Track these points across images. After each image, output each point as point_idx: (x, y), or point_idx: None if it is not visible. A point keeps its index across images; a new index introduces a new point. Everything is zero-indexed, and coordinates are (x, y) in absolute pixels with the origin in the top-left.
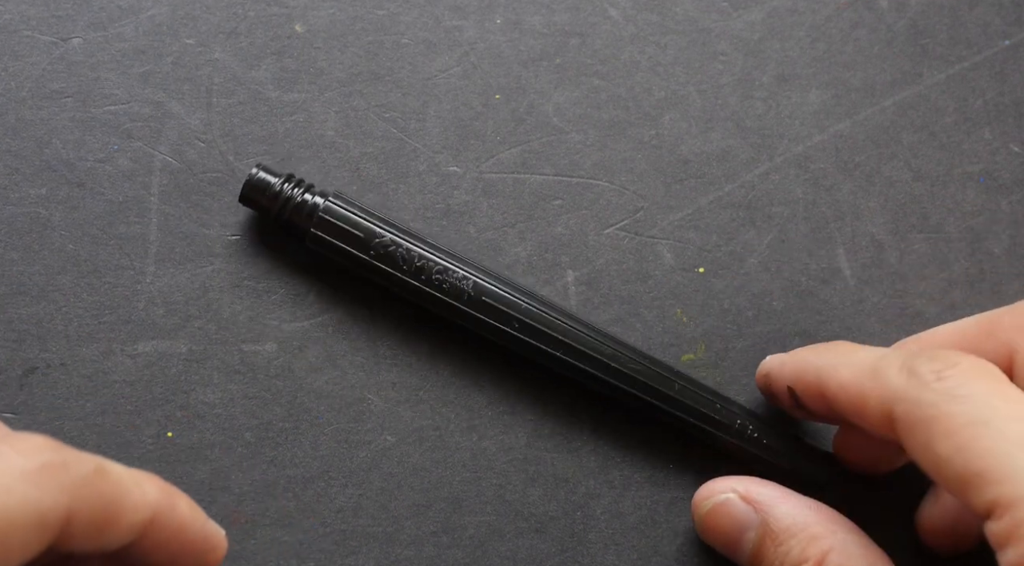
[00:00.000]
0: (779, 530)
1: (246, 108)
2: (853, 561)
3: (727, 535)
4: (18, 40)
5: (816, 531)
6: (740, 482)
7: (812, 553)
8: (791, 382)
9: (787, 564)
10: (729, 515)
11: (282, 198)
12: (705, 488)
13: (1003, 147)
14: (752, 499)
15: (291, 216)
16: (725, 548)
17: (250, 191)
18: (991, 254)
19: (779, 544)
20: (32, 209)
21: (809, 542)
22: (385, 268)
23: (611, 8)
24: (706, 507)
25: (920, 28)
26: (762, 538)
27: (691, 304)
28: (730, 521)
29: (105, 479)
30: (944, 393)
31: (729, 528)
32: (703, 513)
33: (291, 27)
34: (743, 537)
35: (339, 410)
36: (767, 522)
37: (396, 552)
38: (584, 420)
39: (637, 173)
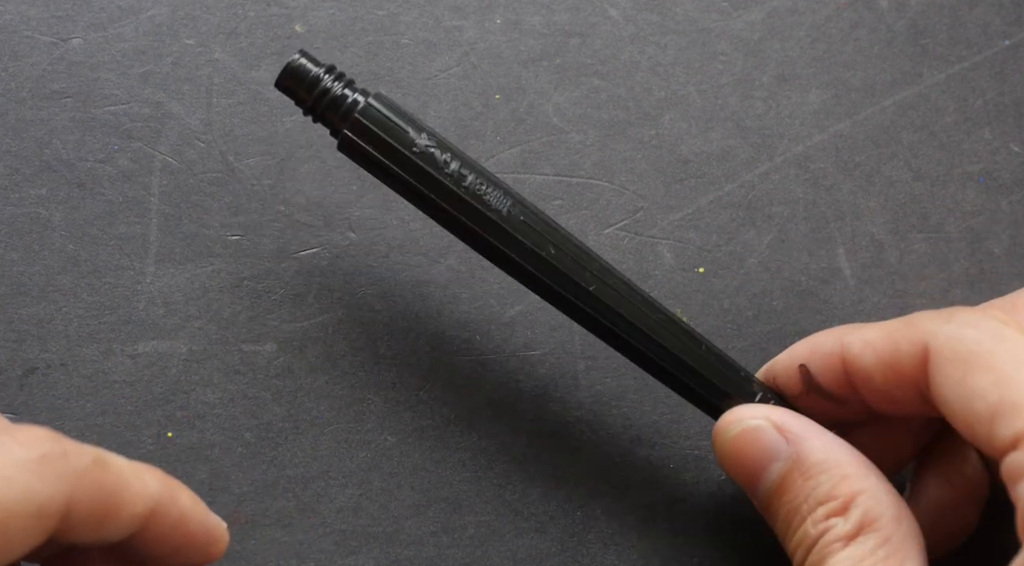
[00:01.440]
0: (810, 464)
1: (246, 108)
2: (882, 507)
3: (752, 463)
4: (18, 40)
5: (848, 471)
6: (773, 411)
7: (842, 491)
8: (805, 359)
9: (813, 499)
10: (758, 442)
11: (321, 88)
12: (734, 412)
13: (1003, 147)
14: (785, 429)
15: (327, 109)
16: (744, 477)
17: (288, 78)
18: (991, 254)
19: (808, 478)
20: (32, 209)
21: (840, 480)
22: (426, 168)
23: (611, 8)
24: (734, 431)
25: (920, 28)
26: (790, 470)
27: (691, 304)
28: (758, 449)
29: (105, 470)
30: (988, 332)
31: (756, 456)
32: (730, 436)
33: (291, 27)
34: (769, 467)
35: (339, 410)
36: (799, 454)
37: (396, 552)
38: (584, 420)
39: (637, 173)
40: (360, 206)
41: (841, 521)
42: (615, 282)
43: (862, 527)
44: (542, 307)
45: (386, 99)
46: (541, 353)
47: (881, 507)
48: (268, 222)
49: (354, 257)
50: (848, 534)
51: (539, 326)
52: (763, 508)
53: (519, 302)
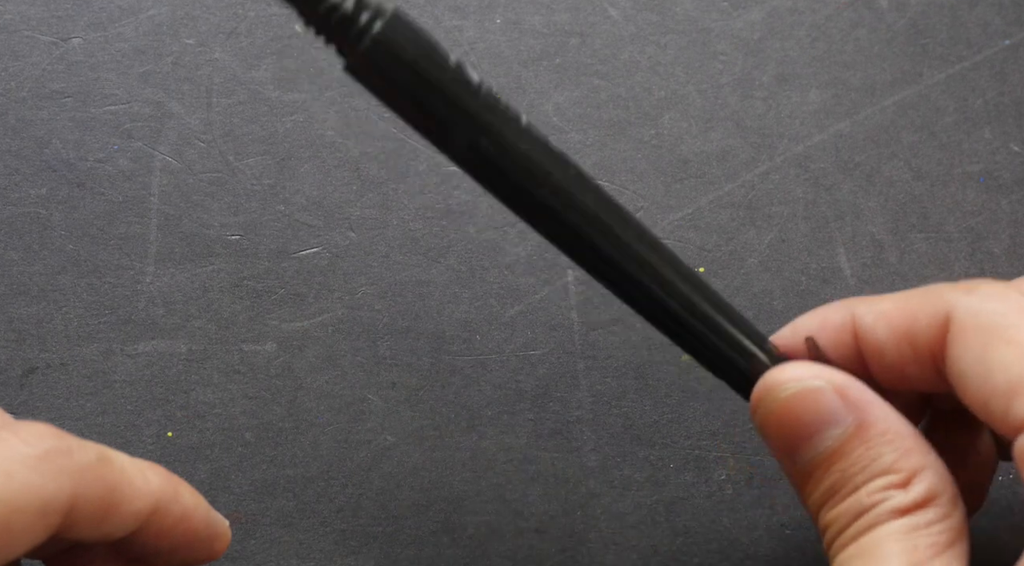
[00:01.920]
0: (874, 433)
1: (246, 108)
2: (943, 485)
3: (805, 428)
4: (18, 40)
5: (911, 445)
6: (834, 373)
7: (904, 466)
8: (812, 332)
9: (873, 469)
10: (817, 405)
11: None
12: (787, 369)
13: (1003, 147)
14: (847, 394)
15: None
16: (792, 440)
17: None
18: (991, 254)
19: (871, 448)
20: (32, 209)
21: (904, 454)
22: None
23: (611, 8)
24: (789, 390)
25: (920, 28)
26: (851, 438)
27: None
28: (815, 412)
29: (108, 466)
30: (1013, 305)
31: (810, 420)
32: (785, 396)
33: (291, 27)
34: (823, 433)
35: (339, 410)
36: (863, 422)
37: (396, 552)
38: (584, 420)
39: (637, 173)
40: (360, 206)
41: (901, 493)
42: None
43: (924, 502)
44: (542, 307)
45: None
46: (541, 353)
47: (943, 486)
48: (268, 222)
49: (354, 257)
50: (906, 507)
51: (539, 326)
52: (802, 474)
53: (519, 302)
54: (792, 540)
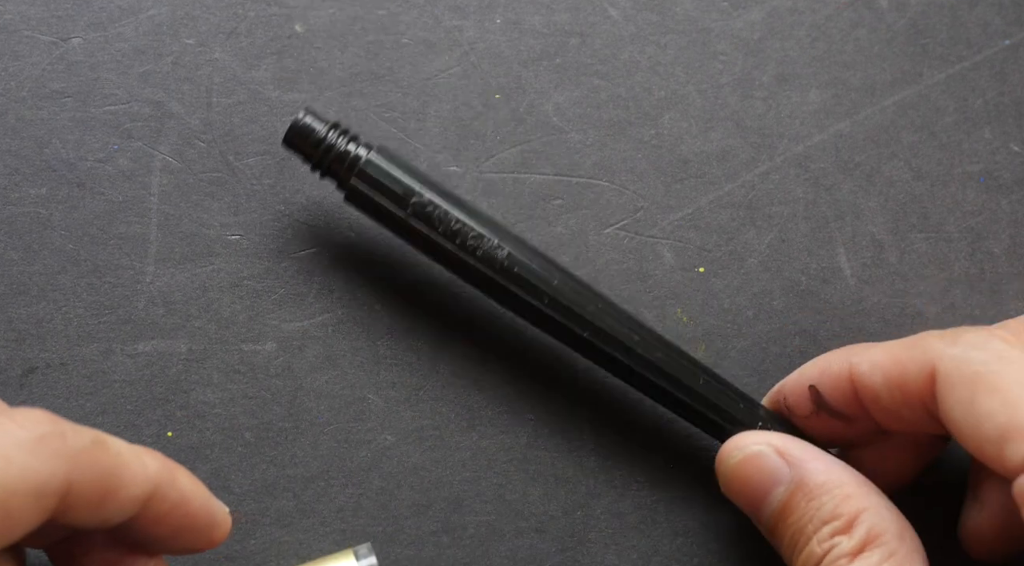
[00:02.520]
0: (813, 486)
1: (246, 108)
2: (885, 523)
3: (756, 488)
4: (18, 40)
5: (850, 491)
6: (773, 436)
7: (845, 510)
8: (815, 380)
9: (817, 519)
10: (760, 467)
11: (325, 145)
12: (735, 440)
13: (1003, 147)
14: (787, 454)
15: (332, 165)
16: (749, 502)
17: (294, 136)
18: (991, 254)
19: (812, 499)
20: (32, 209)
21: (843, 500)
22: (420, 229)
23: (611, 8)
24: (736, 458)
25: (920, 28)
26: (793, 493)
27: (691, 304)
28: (761, 474)
29: (104, 451)
30: (994, 354)
31: (759, 481)
32: (733, 463)
33: (291, 27)
34: (772, 491)
35: (339, 410)
36: (802, 477)
37: (396, 552)
38: (584, 420)
39: (637, 173)
40: None
41: (846, 538)
42: (612, 323)
43: (867, 543)
44: None
45: (389, 152)
46: (541, 353)
47: (885, 523)
48: (268, 222)
49: (354, 257)
50: (853, 550)
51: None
52: (768, 532)
53: None
54: None
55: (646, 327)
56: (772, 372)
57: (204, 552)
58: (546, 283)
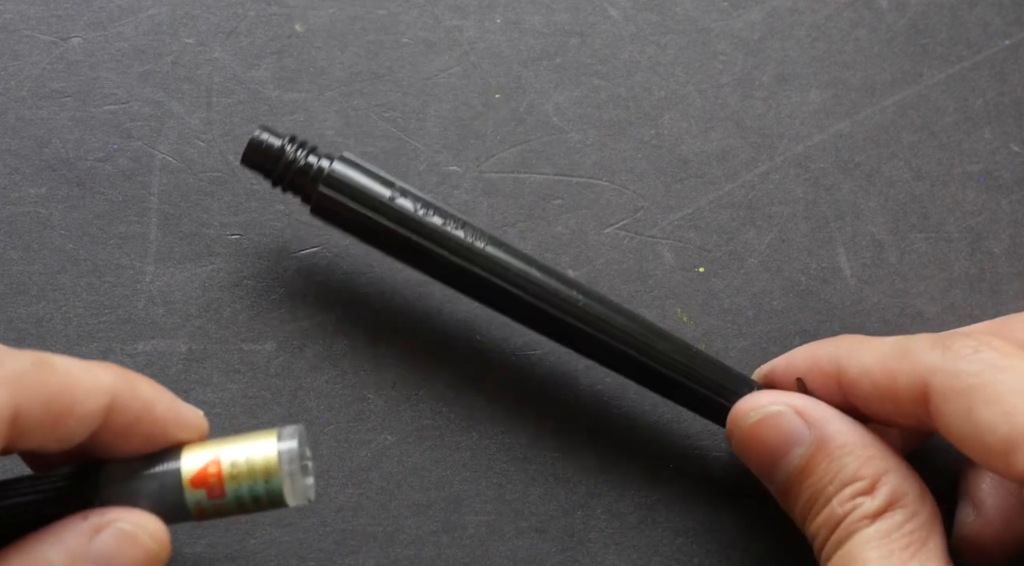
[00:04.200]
0: (835, 447)
1: (246, 107)
2: (907, 485)
3: (773, 449)
4: (18, 39)
5: (872, 452)
6: (791, 397)
7: (867, 472)
8: (803, 373)
9: (839, 481)
10: (779, 428)
11: (285, 160)
12: (751, 399)
13: (1003, 147)
14: (806, 414)
15: (295, 178)
16: (764, 463)
17: (252, 153)
18: (991, 254)
19: (833, 460)
20: (32, 208)
21: (866, 461)
22: (398, 229)
23: (611, 8)
24: (754, 418)
25: (920, 28)
26: (814, 455)
27: (691, 304)
28: (779, 434)
29: (49, 371)
30: (987, 364)
31: (777, 441)
32: (750, 423)
33: (291, 27)
34: (790, 452)
35: (339, 409)
36: (823, 438)
37: (396, 551)
38: (584, 420)
39: (637, 173)
40: None
41: (868, 499)
42: (597, 299)
43: (890, 504)
44: None
45: (351, 160)
46: (541, 353)
47: (907, 485)
48: (268, 221)
49: (354, 256)
50: (876, 511)
51: None
52: (781, 492)
53: None
54: (792, 540)
55: (629, 311)
56: None
57: None
58: (526, 271)
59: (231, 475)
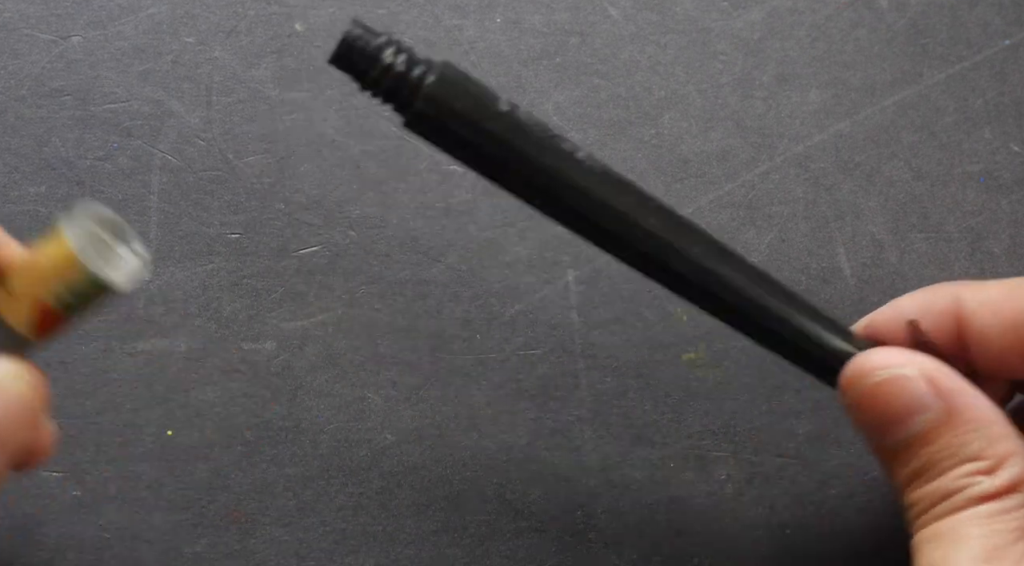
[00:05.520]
0: (963, 421)
1: (246, 106)
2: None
3: (895, 413)
4: (18, 38)
5: (1000, 432)
6: (921, 359)
7: (992, 453)
8: (915, 314)
9: (961, 455)
10: (906, 392)
11: (383, 63)
12: (878, 357)
13: (1003, 147)
14: (936, 381)
15: (393, 83)
16: (880, 424)
17: (345, 51)
18: (991, 254)
19: (959, 434)
20: (32, 207)
21: (992, 442)
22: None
23: (611, 7)
24: (878, 377)
25: (920, 28)
26: (938, 425)
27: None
28: (904, 400)
29: None
30: None
31: (899, 407)
32: (872, 383)
33: (291, 26)
34: (913, 419)
35: (339, 409)
36: (952, 409)
37: (396, 551)
38: (584, 420)
39: (637, 172)
40: (360, 204)
41: (987, 479)
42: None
43: (1009, 489)
44: (542, 306)
45: (457, 67)
46: (541, 352)
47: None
48: (268, 220)
49: (354, 256)
50: (991, 493)
51: (539, 325)
52: (888, 454)
53: (519, 301)
54: (792, 540)
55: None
56: (772, 372)
57: None
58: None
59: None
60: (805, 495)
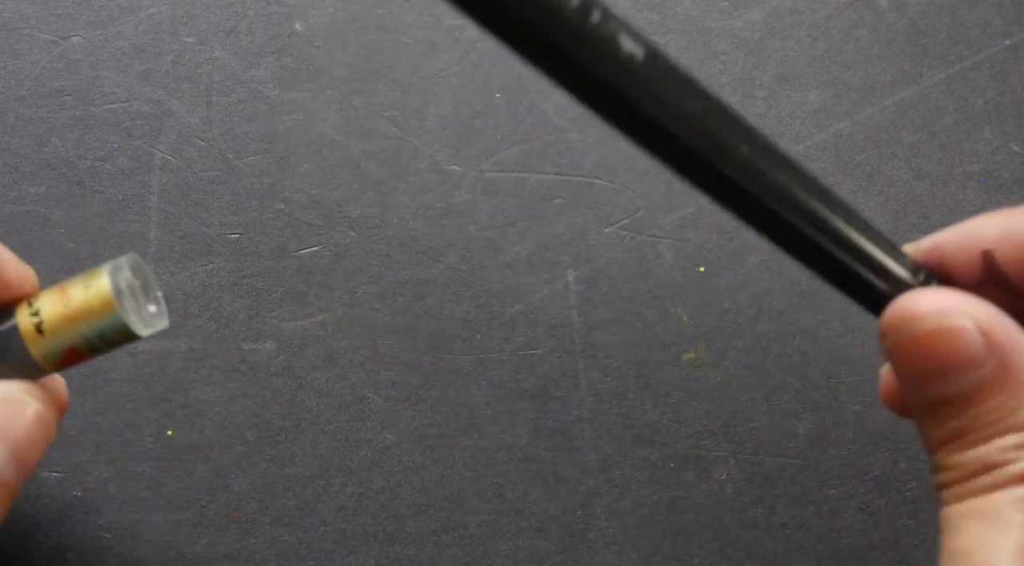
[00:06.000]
0: (1017, 383)
1: (246, 106)
2: None
3: (944, 365)
4: (18, 38)
5: None
6: (980, 309)
7: None
8: (991, 244)
9: (1009, 423)
10: (959, 345)
11: None
12: (926, 300)
13: (1003, 147)
14: (993, 335)
15: None
16: (921, 378)
17: None
18: None
19: (1010, 398)
20: (32, 207)
21: None
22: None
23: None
24: (930, 326)
25: (920, 28)
26: (990, 385)
27: (691, 303)
28: (953, 354)
29: None
30: None
31: (946, 360)
32: (920, 330)
33: (291, 26)
34: (959, 374)
35: (339, 409)
36: (1006, 368)
37: (396, 551)
38: (584, 420)
39: (638, 172)
40: (360, 204)
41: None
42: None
43: None
44: (542, 306)
45: None
46: (541, 352)
47: None
48: (268, 220)
49: (354, 256)
50: None
51: (539, 325)
52: (926, 407)
53: (519, 301)
54: (792, 540)
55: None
56: (772, 372)
57: None
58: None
59: (70, 319)
60: (805, 495)
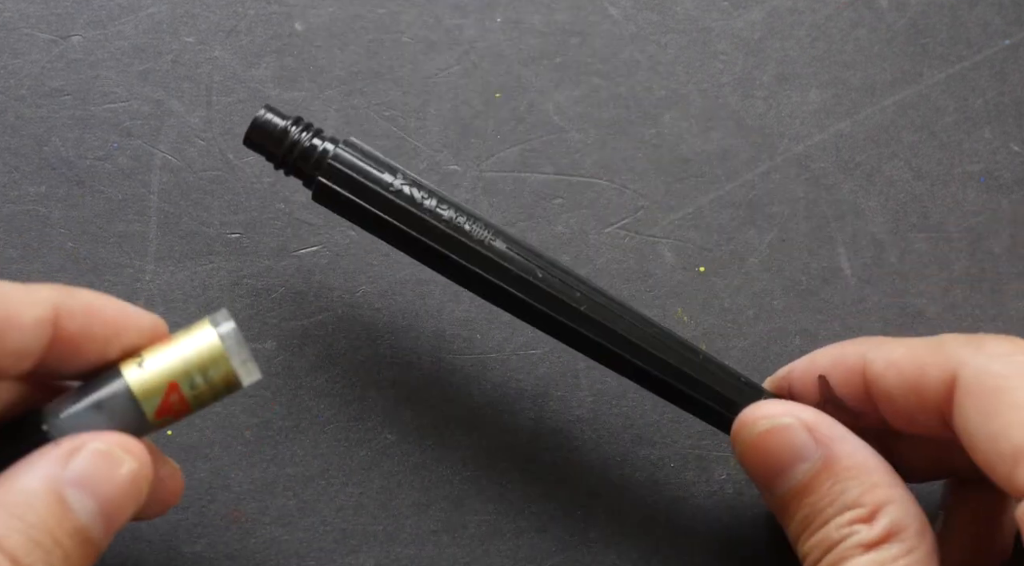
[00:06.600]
0: (841, 468)
1: (246, 106)
2: (908, 519)
3: (777, 462)
4: (17, 38)
5: (878, 479)
6: (801, 410)
7: (869, 500)
8: (826, 370)
9: (840, 504)
10: (787, 441)
11: (289, 142)
12: (761, 408)
13: (1003, 147)
14: (816, 430)
15: (298, 161)
16: (765, 475)
17: (255, 133)
18: (991, 254)
19: (837, 482)
20: (31, 207)
21: (870, 488)
22: (405, 207)
23: (611, 7)
24: (762, 427)
25: (920, 28)
26: (818, 473)
27: (692, 303)
28: (786, 448)
29: None
30: (1019, 367)
31: (782, 455)
32: (756, 432)
33: (291, 25)
34: (794, 468)
35: (339, 408)
36: (830, 457)
37: (397, 551)
38: (584, 420)
39: (638, 172)
40: None
41: (866, 528)
42: (605, 301)
43: (888, 536)
44: None
45: (356, 144)
46: (541, 352)
47: (908, 519)
48: (268, 220)
49: (354, 255)
50: (872, 541)
51: None
52: (779, 508)
53: None
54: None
55: (637, 310)
56: (772, 372)
57: None
58: (536, 261)
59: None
60: None
